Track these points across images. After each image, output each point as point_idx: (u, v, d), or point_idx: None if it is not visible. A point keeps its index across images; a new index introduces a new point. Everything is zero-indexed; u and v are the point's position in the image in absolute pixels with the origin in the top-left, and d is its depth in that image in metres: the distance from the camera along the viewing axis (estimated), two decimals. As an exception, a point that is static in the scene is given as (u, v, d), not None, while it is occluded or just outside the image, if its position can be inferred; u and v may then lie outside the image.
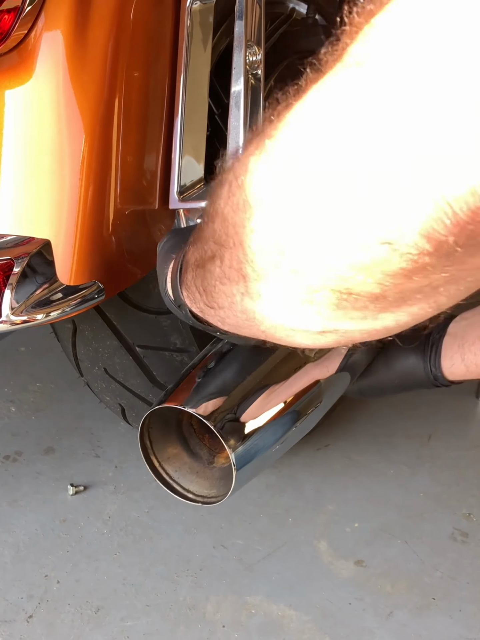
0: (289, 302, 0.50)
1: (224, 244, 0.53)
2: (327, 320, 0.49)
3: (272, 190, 0.46)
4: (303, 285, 0.47)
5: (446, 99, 0.35)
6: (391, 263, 0.41)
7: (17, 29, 0.85)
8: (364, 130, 0.39)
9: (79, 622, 1.26)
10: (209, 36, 1.03)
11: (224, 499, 0.82)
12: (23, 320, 0.91)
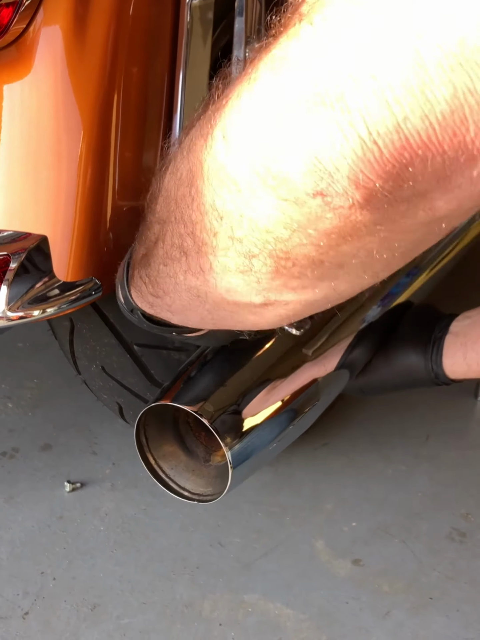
0: (228, 272, 0.51)
1: (165, 220, 0.55)
2: (268, 290, 0.50)
3: (212, 155, 0.47)
4: (241, 251, 0.48)
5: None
6: (324, 220, 0.42)
7: (16, 23, 0.84)
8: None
9: (75, 619, 1.25)
10: (209, 32, 1.02)
11: (220, 497, 0.82)
12: (19, 316, 0.91)
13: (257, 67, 0.46)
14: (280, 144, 0.42)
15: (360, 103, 0.38)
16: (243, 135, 0.45)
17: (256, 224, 0.45)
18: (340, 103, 0.39)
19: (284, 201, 0.43)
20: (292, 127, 0.41)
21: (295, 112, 0.41)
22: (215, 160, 0.47)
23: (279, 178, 0.42)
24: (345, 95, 0.39)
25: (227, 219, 0.47)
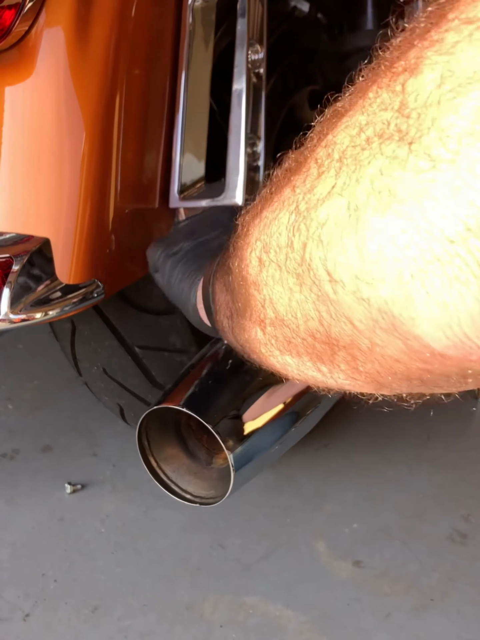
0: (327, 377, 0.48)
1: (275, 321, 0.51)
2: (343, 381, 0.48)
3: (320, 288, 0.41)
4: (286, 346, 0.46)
5: None
6: (450, 368, 0.38)
7: (18, 25, 0.84)
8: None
9: (75, 621, 1.25)
10: (211, 34, 1.02)
11: (222, 500, 0.82)
12: (22, 318, 0.91)
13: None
14: (410, 304, 0.35)
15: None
16: (355, 275, 0.37)
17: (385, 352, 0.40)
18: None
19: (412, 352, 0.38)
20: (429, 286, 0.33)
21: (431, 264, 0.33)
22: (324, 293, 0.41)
23: (409, 334, 0.36)
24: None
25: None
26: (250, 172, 1.00)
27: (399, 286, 0.35)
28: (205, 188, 1.03)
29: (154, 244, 0.89)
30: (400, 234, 0.34)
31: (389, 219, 0.34)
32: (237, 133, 0.97)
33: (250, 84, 0.98)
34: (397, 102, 0.34)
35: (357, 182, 0.36)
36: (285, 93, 1.26)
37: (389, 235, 0.34)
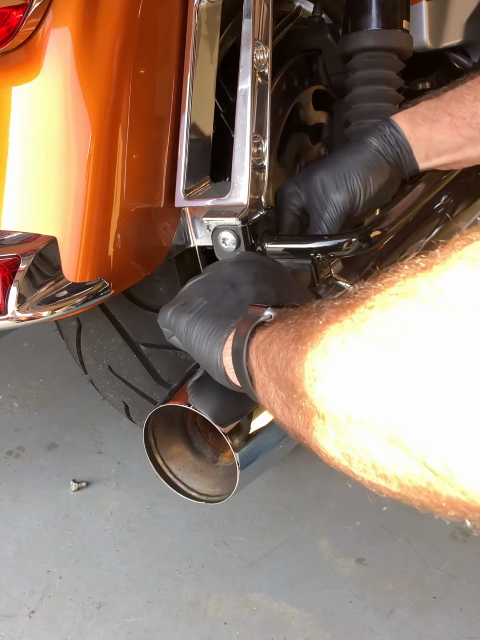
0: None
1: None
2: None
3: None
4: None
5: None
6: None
7: (25, 25, 0.85)
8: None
9: (80, 617, 1.26)
10: (217, 34, 1.03)
11: (227, 498, 0.82)
12: (28, 317, 0.91)
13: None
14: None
15: None
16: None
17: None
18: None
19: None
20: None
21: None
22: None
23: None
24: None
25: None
26: (256, 171, 1.00)
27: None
28: (210, 187, 1.04)
29: (162, 308, 0.86)
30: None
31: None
32: (242, 133, 0.98)
33: (255, 83, 0.98)
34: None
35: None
36: (290, 93, 1.26)
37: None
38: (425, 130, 1.01)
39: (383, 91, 1.19)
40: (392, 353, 0.44)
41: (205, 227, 1.03)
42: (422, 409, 0.42)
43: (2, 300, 0.89)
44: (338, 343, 0.49)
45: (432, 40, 1.33)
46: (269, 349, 0.63)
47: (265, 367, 0.64)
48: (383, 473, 0.48)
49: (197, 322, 0.79)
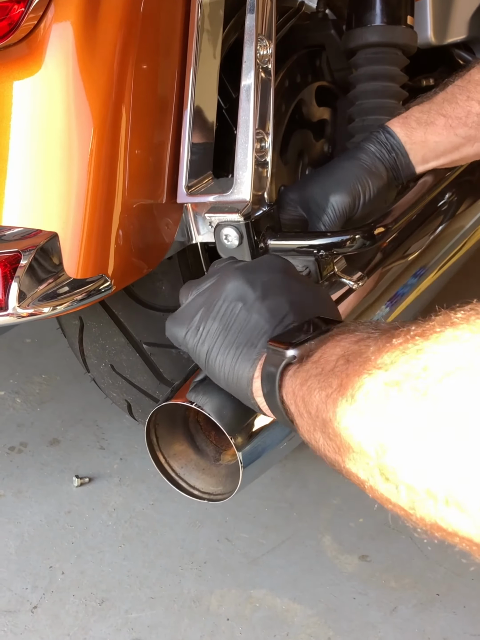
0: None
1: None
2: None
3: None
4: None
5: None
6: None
7: (27, 19, 0.84)
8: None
9: (83, 613, 1.26)
10: (219, 29, 1.02)
11: (230, 497, 0.82)
12: (29, 313, 0.91)
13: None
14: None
15: None
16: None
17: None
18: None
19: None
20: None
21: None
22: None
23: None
24: None
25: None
26: (259, 167, 0.99)
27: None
28: (213, 183, 1.03)
29: (169, 323, 0.85)
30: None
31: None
32: (245, 128, 0.97)
33: (258, 79, 0.97)
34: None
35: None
36: (293, 89, 1.25)
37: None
38: (420, 133, 1.00)
39: (387, 87, 1.18)
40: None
41: (207, 224, 1.02)
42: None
43: (3, 296, 0.89)
44: (404, 409, 0.46)
45: (437, 37, 1.32)
46: (310, 399, 0.60)
47: (307, 416, 0.61)
48: (468, 539, 0.46)
49: (217, 354, 0.75)
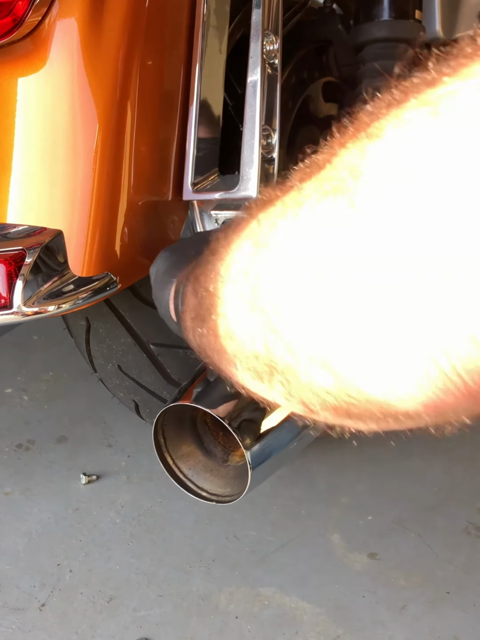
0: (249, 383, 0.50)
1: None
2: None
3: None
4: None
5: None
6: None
7: (31, 15, 0.83)
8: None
9: (91, 611, 1.26)
10: (226, 25, 1.01)
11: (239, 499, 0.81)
12: (35, 311, 0.90)
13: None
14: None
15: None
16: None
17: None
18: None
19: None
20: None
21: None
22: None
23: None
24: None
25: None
26: (265, 164, 0.98)
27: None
28: (219, 180, 1.02)
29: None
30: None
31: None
32: (251, 125, 0.96)
33: (265, 74, 0.96)
34: (355, 162, 0.37)
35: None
36: (299, 84, 1.24)
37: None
38: None
39: (395, 82, 1.17)
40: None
41: (213, 221, 1.01)
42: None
43: (8, 294, 0.88)
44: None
45: (445, 31, 1.30)
46: (195, 266, 0.60)
47: (193, 289, 0.60)
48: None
49: (168, 259, 0.79)
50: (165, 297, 0.76)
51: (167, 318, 0.77)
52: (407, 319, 0.34)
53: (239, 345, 0.47)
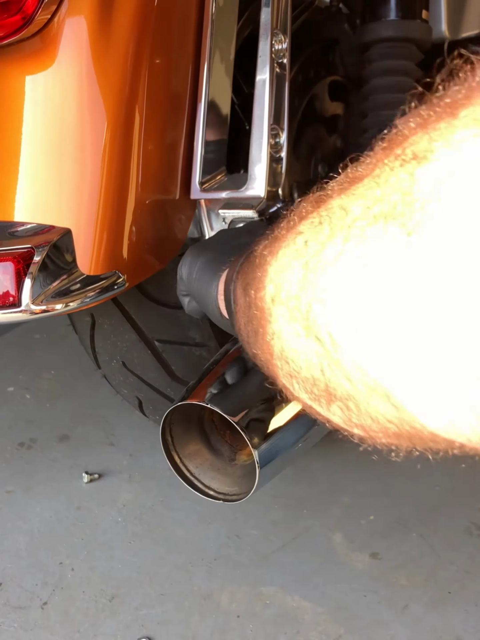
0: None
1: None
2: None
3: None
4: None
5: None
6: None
7: (41, 13, 0.83)
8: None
9: (93, 610, 1.26)
10: (234, 24, 1.01)
11: (246, 497, 0.81)
12: (42, 309, 0.90)
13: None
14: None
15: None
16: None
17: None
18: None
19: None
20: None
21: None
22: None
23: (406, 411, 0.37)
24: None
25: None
26: (273, 163, 0.98)
27: (408, 378, 0.36)
28: (226, 179, 1.02)
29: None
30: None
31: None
32: (260, 124, 0.96)
33: (273, 74, 0.96)
34: (404, 186, 0.35)
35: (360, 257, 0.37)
36: (306, 84, 1.24)
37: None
38: None
39: (401, 82, 1.17)
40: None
41: (221, 220, 1.01)
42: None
43: (16, 292, 0.88)
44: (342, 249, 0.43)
45: (451, 31, 1.30)
46: (251, 269, 0.57)
47: (242, 291, 0.59)
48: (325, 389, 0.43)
49: (204, 254, 0.80)
50: (211, 293, 0.75)
51: (214, 316, 0.77)
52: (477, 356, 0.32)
53: (294, 368, 0.45)
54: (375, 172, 0.37)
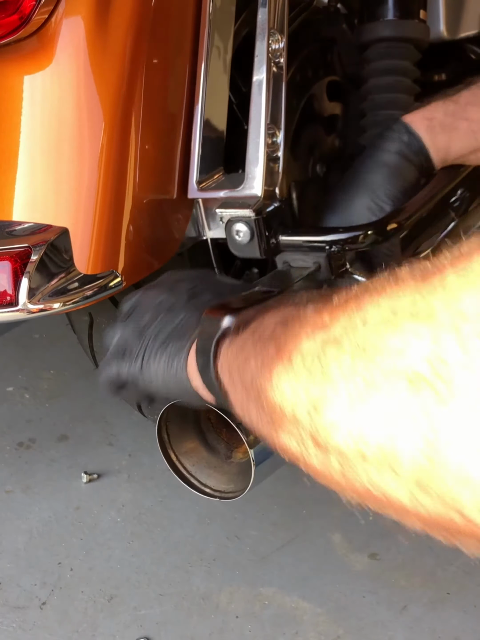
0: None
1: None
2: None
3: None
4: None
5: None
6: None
7: (38, 13, 0.84)
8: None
9: (92, 610, 1.26)
10: (231, 23, 1.01)
11: (242, 495, 0.81)
12: (40, 308, 0.90)
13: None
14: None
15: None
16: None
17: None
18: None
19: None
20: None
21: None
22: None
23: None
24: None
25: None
26: (270, 162, 0.98)
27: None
28: (224, 179, 1.02)
29: (101, 369, 0.81)
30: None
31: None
32: (257, 123, 0.96)
33: (270, 73, 0.96)
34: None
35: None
36: (304, 84, 1.24)
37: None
38: (445, 139, 0.98)
39: (399, 82, 1.17)
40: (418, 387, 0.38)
41: (218, 219, 1.01)
42: (454, 452, 0.37)
43: (13, 291, 0.89)
44: (341, 367, 0.43)
45: (449, 31, 1.30)
46: (245, 368, 0.56)
47: (242, 387, 0.57)
48: (400, 507, 0.43)
49: (149, 357, 0.73)
50: (174, 366, 0.71)
51: (182, 390, 0.72)
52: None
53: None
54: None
